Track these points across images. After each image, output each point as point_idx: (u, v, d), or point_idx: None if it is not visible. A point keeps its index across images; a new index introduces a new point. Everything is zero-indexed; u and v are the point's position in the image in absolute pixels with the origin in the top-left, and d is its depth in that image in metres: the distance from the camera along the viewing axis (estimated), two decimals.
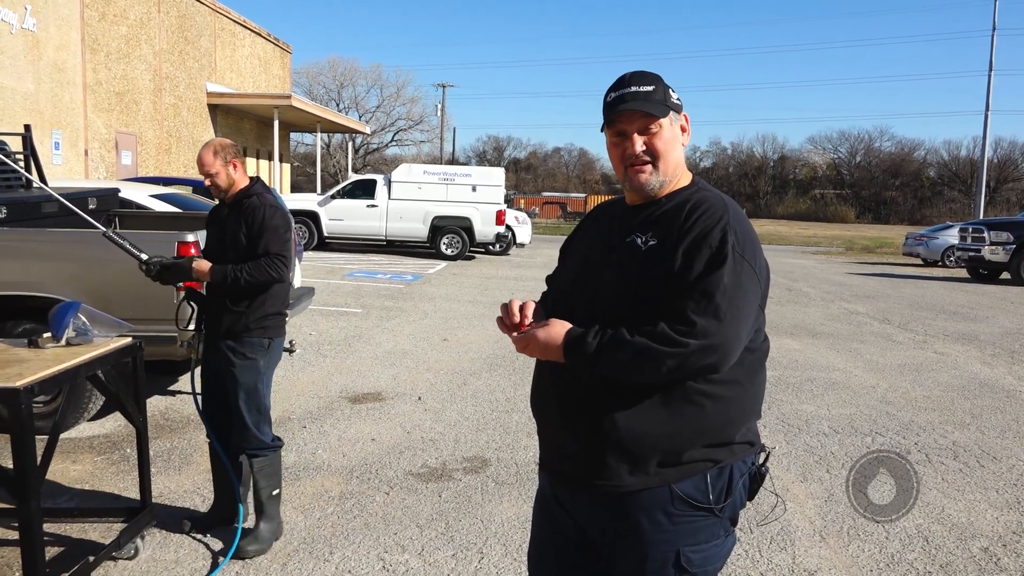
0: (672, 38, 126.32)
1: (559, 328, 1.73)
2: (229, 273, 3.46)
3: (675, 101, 1.83)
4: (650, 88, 1.79)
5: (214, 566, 3.39)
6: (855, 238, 40.19)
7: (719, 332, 1.63)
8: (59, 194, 6.00)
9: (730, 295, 1.65)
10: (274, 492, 3.63)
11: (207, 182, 3.60)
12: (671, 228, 1.74)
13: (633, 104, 1.77)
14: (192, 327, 3.60)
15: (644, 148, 1.79)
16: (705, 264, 1.66)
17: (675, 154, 1.81)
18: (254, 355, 3.58)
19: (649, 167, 1.79)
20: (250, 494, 3.75)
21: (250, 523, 3.72)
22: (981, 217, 30.63)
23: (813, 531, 3.96)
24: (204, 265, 3.49)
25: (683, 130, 1.86)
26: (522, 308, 1.80)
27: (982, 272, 18.42)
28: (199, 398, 3.71)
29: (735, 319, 1.65)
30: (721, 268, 1.65)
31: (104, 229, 3.39)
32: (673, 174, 1.81)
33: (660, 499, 1.75)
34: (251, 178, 3.71)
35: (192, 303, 3.63)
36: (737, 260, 1.67)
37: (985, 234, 17.80)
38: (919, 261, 24.66)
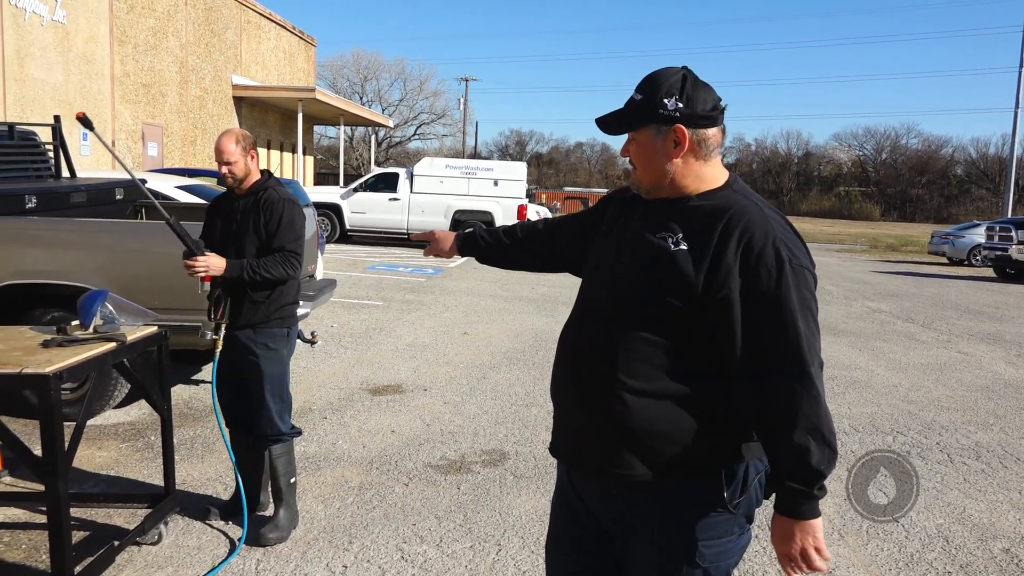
0: (696, 33, 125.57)
1: None
2: (246, 268, 3.48)
3: (669, 112, 1.74)
4: (639, 96, 1.78)
5: (231, 552, 3.44)
6: (880, 236, 39.77)
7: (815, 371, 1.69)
8: (86, 184, 6.09)
9: (804, 322, 1.68)
10: (292, 480, 3.68)
11: (223, 170, 3.57)
12: (705, 239, 1.72)
13: (609, 117, 1.81)
14: (220, 318, 3.60)
15: (628, 154, 1.84)
16: (768, 288, 1.67)
17: (656, 166, 1.78)
18: (276, 345, 3.62)
19: (636, 172, 1.83)
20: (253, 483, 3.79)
21: (268, 511, 3.77)
22: (1009, 216, 30.20)
23: (832, 529, 3.95)
24: (220, 262, 3.47)
25: (677, 143, 1.76)
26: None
27: (1009, 272, 18.18)
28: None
29: (813, 345, 1.69)
30: (789, 292, 1.67)
31: (168, 217, 3.41)
32: (657, 184, 1.80)
33: (675, 493, 1.76)
34: (262, 171, 3.72)
35: (222, 293, 3.59)
36: (798, 272, 1.69)
37: (1013, 233, 17.59)
38: (945, 260, 24.36)
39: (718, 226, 1.71)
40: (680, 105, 1.74)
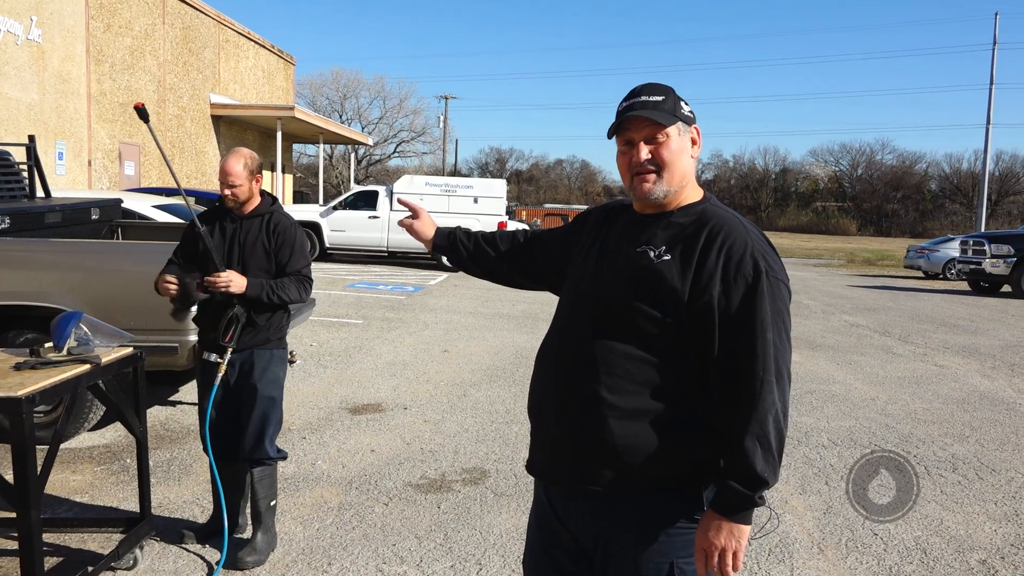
0: (674, 50, 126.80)
1: None
2: (266, 289, 3.44)
3: (686, 113, 1.84)
4: (660, 98, 1.81)
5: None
6: (856, 250, 40.18)
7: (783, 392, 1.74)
8: (60, 205, 6.04)
9: (778, 331, 1.74)
10: (272, 503, 3.64)
11: (226, 192, 3.47)
12: (689, 248, 1.75)
13: (642, 112, 1.79)
14: (228, 341, 3.49)
15: (649, 157, 1.80)
16: (743, 297, 1.71)
17: (681, 165, 1.82)
18: (276, 367, 3.60)
19: (654, 176, 1.80)
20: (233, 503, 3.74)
21: (246, 534, 3.73)
22: (982, 230, 30.64)
23: (811, 543, 3.96)
24: (242, 280, 3.39)
25: (693, 143, 1.86)
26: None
27: (983, 285, 18.41)
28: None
29: (780, 356, 1.74)
30: (763, 302, 1.71)
31: (201, 227, 3.38)
32: (679, 184, 1.82)
33: (653, 509, 1.77)
34: (263, 193, 3.66)
35: (237, 315, 3.45)
36: (774, 283, 1.74)
37: (986, 247, 17.80)
38: (920, 274, 24.65)
39: (702, 233, 1.76)
40: (690, 109, 1.87)
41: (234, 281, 3.38)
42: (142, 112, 3.22)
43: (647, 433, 1.73)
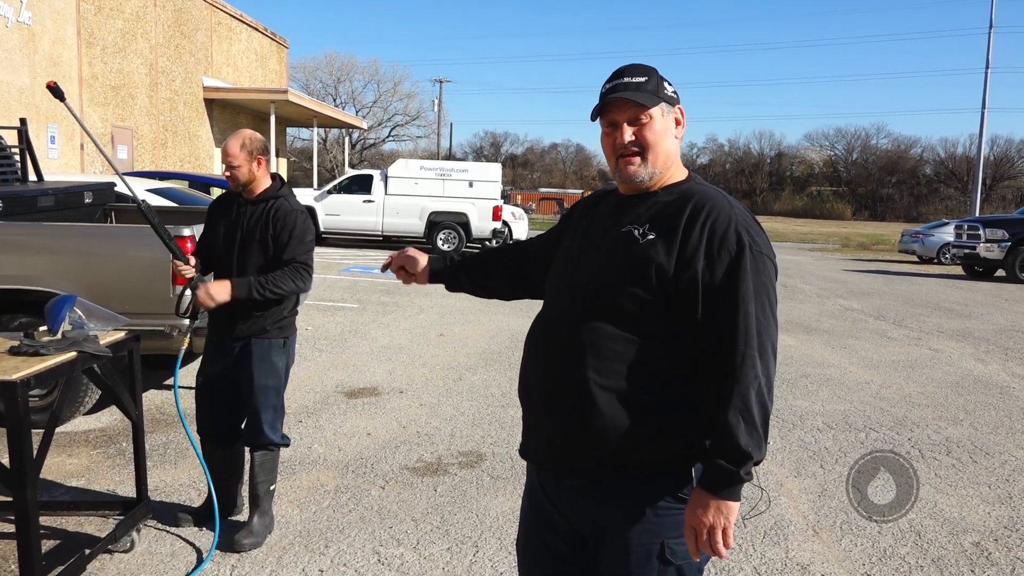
0: (669, 34, 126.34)
1: None
2: (254, 287, 3.38)
3: (669, 93, 1.83)
4: (642, 79, 1.80)
5: (201, 560, 3.40)
6: (851, 235, 40.21)
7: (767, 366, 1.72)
8: (53, 188, 5.99)
9: (762, 306, 1.71)
10: (271, 487, 3.65)
11: (226, 173, 3.47)
12: (672, 225, 1.74)
13: (624, 94, 1.79)
14: (188, 316, 3.51)
15: (633, 138, 1.80)
16: (725, 270, 1.70)
17: (665, 145, 1.81)
18: (273, 357, 3.56)
19: (638, 159, 1.80)
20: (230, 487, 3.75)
21: (243, 516, 3.73)
22: (977, 214, 30.69)
23: (806, 525, 3.98)
24: (223, 288, 3.34)
25: (677, 123, 1.86)
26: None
27: (977, 269, 18.46)
28: (179, 392, 3.59)
29: (764, 330, 1.71)
30: (746, 276, 1.70)
31: (143, 202, 3.33)
32: (663, 166, 1.82)
33: (644, 491, 1.77)
34: (273, 176, 3.59)
35: (194, 285, 3.43)
36: (758, 257, 1.72)
37: (981, 231, 17.83)
38: (915, 258, 24.67)
39: (686, 209, 1.75)
40: (673, 89, 1.86)
41: (214, 295, 3.33)
42: (55, 90, 3.18)
43: (638, 416, 1.73)
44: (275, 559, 3.44)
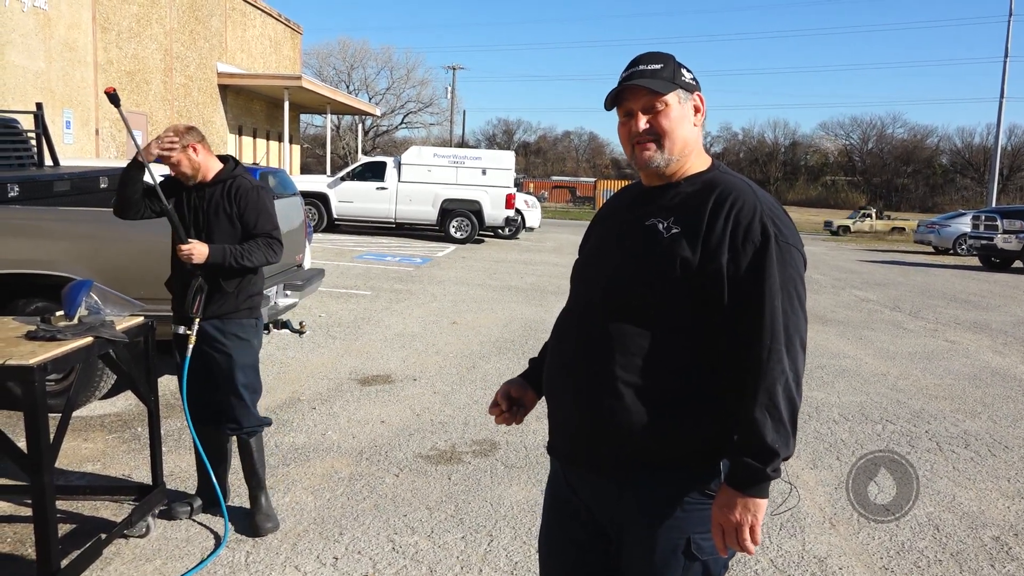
0: (683, 21, 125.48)
1: None
2: (228, 254, 3.39)
3: (687, 80, 1.79)
4: (658, 66, 1.77)
5: (218, 545, 3.40)
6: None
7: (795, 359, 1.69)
8: (69, 173, 6.00)
9: (791, 299, 1.68)
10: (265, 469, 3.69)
11: (171, 173, 3.46)
12: (696, 216, 1.71)
13: (639, 81, 1.75)
14: (195, 313, 3.48)
15: (648, 126, 1.76)
16: (750, 262, 1.66)
17: (682, 133, 1.77)
18: (247, 335, 3.57)
19: (653, 145, 1.76)
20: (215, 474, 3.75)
21: (230, 502, 3.76)
22: (994, 205, 30.39)
23: (823, 518, 3.95)
24: (203, 248, 3.36)
25: (696, 110, 1.81)
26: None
27: (994, 260, 18.31)
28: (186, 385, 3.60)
29: (792, 324, 1.67)
30: (772, 267, 1.66)
31: (167, 205, 3.35)
32: (681, 153, 1.78)
33: (670, 487, 1.74)
34: (224, 157, 3.59)
35: (202, 285, 3.46)
36: (784, 248, 1.68)
37: (998, 222, 17.68)
38: (931, 249, 24.50)
39: (709, 199, 1.72)
40: (692, 75, 1.82)
41: (196, 251, 3.34)
42: (113, 97, 3.19)
43: (665, 410, 1.70)
44: (289, 546, 3.44)
